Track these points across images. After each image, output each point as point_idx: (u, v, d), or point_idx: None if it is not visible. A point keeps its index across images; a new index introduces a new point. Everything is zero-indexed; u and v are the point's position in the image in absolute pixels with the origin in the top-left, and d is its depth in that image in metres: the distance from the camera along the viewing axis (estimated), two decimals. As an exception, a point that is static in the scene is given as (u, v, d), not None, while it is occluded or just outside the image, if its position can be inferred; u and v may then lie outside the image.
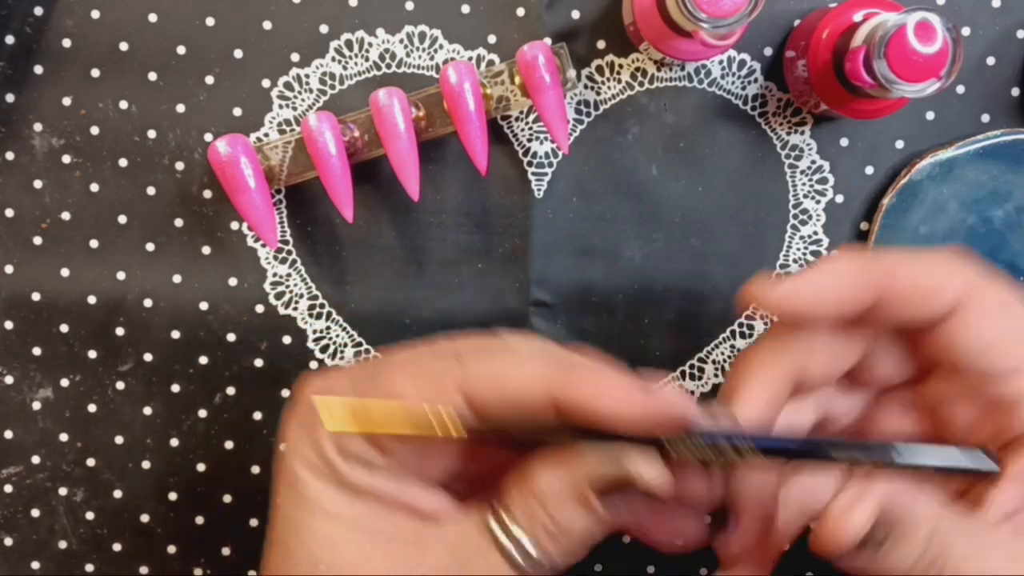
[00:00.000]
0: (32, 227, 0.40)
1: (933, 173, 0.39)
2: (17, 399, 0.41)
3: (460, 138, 0.37)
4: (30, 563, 0.42)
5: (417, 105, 0.38)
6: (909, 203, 0.39)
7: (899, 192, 0.39)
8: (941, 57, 0.32)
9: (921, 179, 0.39)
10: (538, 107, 0.37)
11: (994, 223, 0.39)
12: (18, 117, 0.40)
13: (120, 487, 0.42)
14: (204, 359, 0.41)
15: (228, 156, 0.36)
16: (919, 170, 0.39)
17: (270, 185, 0.38)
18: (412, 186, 0.37)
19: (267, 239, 0.37)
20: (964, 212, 0.39)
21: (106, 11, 0.39)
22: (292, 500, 0.27)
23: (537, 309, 0.41)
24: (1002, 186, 0.39)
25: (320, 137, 0.36)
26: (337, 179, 0.37)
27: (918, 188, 0.39)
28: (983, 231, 0.39)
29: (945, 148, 0.39)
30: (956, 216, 0.39)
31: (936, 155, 0.39)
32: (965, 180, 0.39)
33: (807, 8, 0.39)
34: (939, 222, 0.39)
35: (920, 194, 0.39)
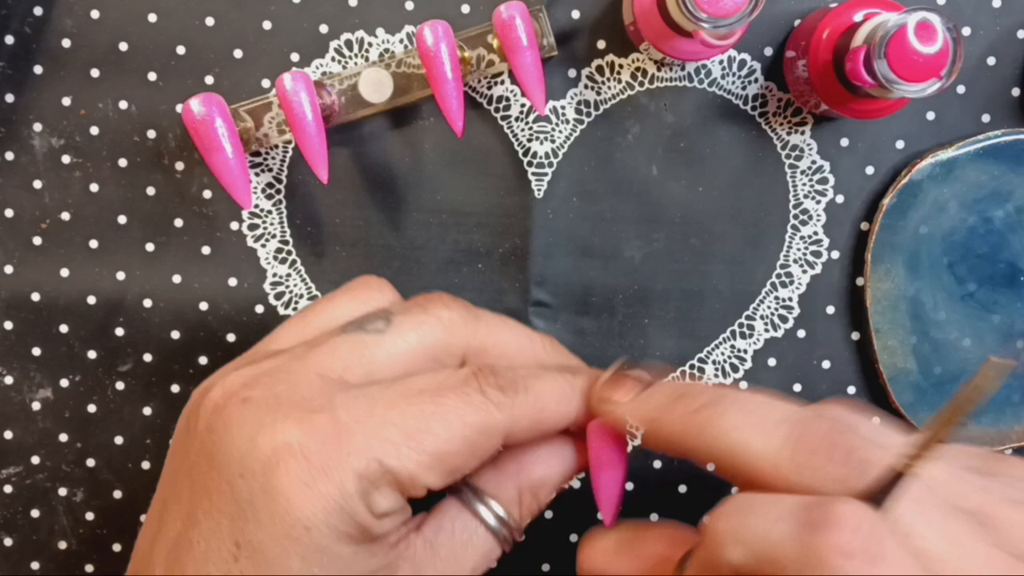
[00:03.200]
0: (32, 227, 0.40)
1: (934, 173, 0.39)
2: (17, 399, 0.41)
3: (436, 100, 0.37)
4: (30, 563, 0.42)
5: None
6: (909, 203, 0.39)
7: (899, 192, 0.39)
8: (942, 57, 0.32)
9: (922, 179, 0.39)
10: (514, 68, 0.37)
11: (995, 223, 0.39)
12: (18, 117, 0.40)
13: (120, 487, 0.42)
14: (204, 359, 0.41)
15: (202, 116, 0.35)
16: (919, 170, 0.39)
17: (245, 148, 0.38)
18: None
19: (241, 200, 0.37)
20: (964, 212, 0.39)
21: (106, 11, 0.39)
22: (293, 549, 0.24)
23: (537, 309, 0.41)
24: (1003, 186, 0.39)
25: (295, 98, 0.36)
26: (312, 139, 0.36)
27: (918, 188, 0.39)
28: (983, 231, 0.39)
29: (945, 148, 0.39)
30: (956, 216, 0.39)
31: (936, 155, 0.39)
32: (966, 180, 0.39)
33: (807, 8, 0.39)
34: (939, 222, 0.39)
35: (920, 194, 0.39)
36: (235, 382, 0.27)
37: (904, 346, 0.39)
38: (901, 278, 0.39)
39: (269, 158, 0.40)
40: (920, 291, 0.39)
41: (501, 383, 0.27)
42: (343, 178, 0.40)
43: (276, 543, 0.24)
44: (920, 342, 0.39)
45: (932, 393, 0.39)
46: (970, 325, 0.39)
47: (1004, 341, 0.39)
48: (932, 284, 0.39)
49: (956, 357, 0.39)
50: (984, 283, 0.39)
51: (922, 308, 0.39)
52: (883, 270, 0.39)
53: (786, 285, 0.41)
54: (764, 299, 0.41)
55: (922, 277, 0.39)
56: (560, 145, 0.40)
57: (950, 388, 0.39)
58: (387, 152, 0.40)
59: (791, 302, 0.41)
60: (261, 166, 0.40)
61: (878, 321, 0.39)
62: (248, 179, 0.37)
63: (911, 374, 0.39)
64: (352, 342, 0.27)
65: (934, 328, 0.39)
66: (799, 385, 0.41)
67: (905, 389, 0.39)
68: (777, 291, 0.41)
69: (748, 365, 0.41)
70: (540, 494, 0.30)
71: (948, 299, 0.39)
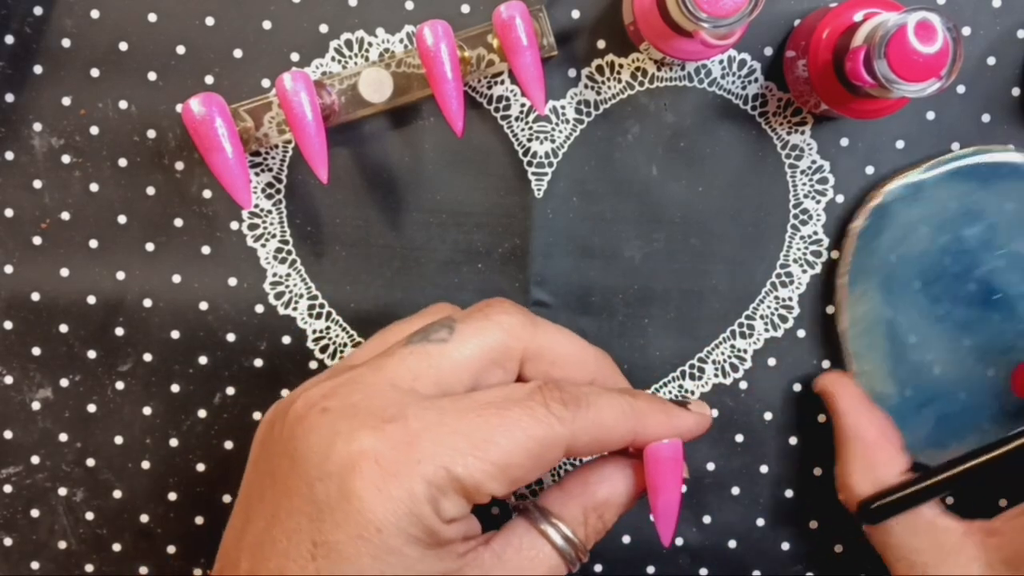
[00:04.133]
0: (32, 227, 0.40)
1: (903, 195, 0.38)
2: (17, 399, 0.41)
3: (436, 100, 0.37)
4: (30, 563, 0.42)
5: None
6: (880, 225, 0.39)
7: (870, 215, 0.39)
8: (942, 57, 0.32)
9: (891, 201, 0.38)
10: (514, 68, 0.37)
11: (966, 242, 0.38)
12: (18, 117, 0.40)
13: (120, 487, 0.42)
14: (204, 359, 0.41)
15: (202, 116, 0.35)
16: (889, 192, 0.38)
17: (245, 148, 0.38)
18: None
19: (241, 200, 0.37)
20: (936, 232, 0.38)
21: (106, 11, 0.39)
22: (365, 549, 0.26)
23: (537, 309, 0.41)
24: (973, 205, 0.38)
25: (295, 97, 0.36)
26: (312, 139, 0.36)
27: (888, 210, 0.39)
28: (956, 250, 0.38)
29: (914, 168, 0.39)
30: (928, 236, 0.38)
31: (905, 176, 0.38)
32: (935, 200, 0.38)
33: (807, 8, 0.39)
34: (911, 243, 0.38)
35: (890, 216, 0.39)
36: (316, 394, 0.29)
37: (881, 370, 0.39)
38: (876, 301, 0.39)
39: (269, 158, 0.40)
40: (896, 313, 0.39)
41: (564, 398, 0.29)
42: (343, 178, 0.40)
43: (350, 543, 0.26)
44: (896, 365, 0.39)
45: (914, 418, 0.39)
46: (946, 346, 0.39)
47: (980, 361, 0.39)
48: (907, 306, 0.39)
49: (933, 380, 0.39)
50: (959, 304, 0.38)
51: (898, 331, 0.39)
52: (858, 293, 0.39)
53: (786, 285, 0.41)
54: (764, 299, 0.41)
55: (897, 299, 0.39)
56: (560, 145, 0.40)
57: (929, 412, 0.39)
58: (387, 152, 0.40)
59: (791, 302, 0.41)
60: (261, 166, 0.40)
61: (856, 345, 0.39)
62: (248, 179, 0.37)
63: (890, 398, 0.39)
64: (419, 353, 0.29)
65: (911, 351, 0.39)
66: (799, 385, 0.41)
67: (899, 407, 0.39)
68: (777, 291, 0.41)
69: (748, 365, 0.41)
70: (605, 515, 0.31)
71: (924, 321, 0.39)
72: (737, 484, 0.42)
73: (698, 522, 0.42)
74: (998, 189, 0.38)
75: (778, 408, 0.41)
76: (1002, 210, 0.38)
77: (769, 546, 0.42)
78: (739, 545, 0.42)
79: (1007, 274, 0.38)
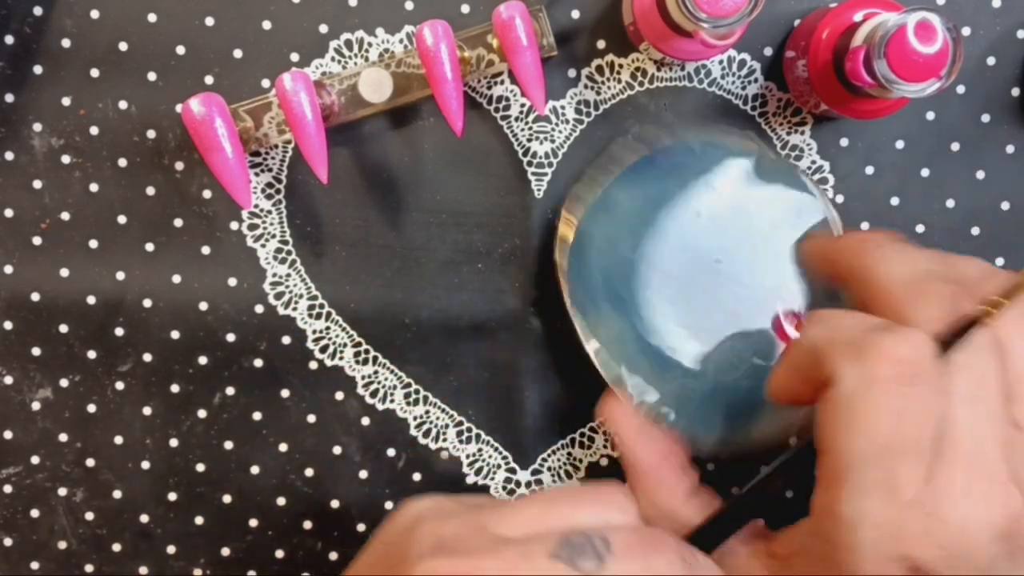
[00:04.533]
0: (32, 227, 0.40)
1: (595, 217, 0.38)
2: (17, 399, 0.41)
3: (436, 100, 0.37)
4: (30, 563, 0.42)
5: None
6: (585, 249, 0.38)
7: (573, 248, 0.38)
8: (941, 57, 0.32)
9: (588, 227, 0.38)
10: (514, 68, 0.37)
11: (667, 226, 0.38)
12: (18, 117, 0.40)
13: (120, 487, 0.42)
14: (204, 359, 0.41)
15: (202, 116, 0.35)
16: (584, 219, 0.38)
17: (245, 148, 0.38)
18: None
19: (241, 200, 0.37)
20: (635, 231, 0.38)
21: (106, 11, 0.39)
22: None
23: (537, 309, 0.41)
24: (657, 194, 0.38)
25: (295, 98, 0.36)
26: (312, 140, 0.36)
27: (588, 235, 0.38)
28: (664, 242, 0.38)
29: (591, 190, 0.38)
30: (630, 238, 0.38)
31: (587, 201, 0.38)
32: (623, 208, 0.38)
33: (807, 8, 0.39)
34: (619, 252, 0.38)
35: (591, 239, 0.38)
36: (438, 543, 0.28)
37: (649, 379, 0.38)
38: (612, 319, 0.38)
39: (269, 158, 0.40)
40: (636, 322, 0.38)
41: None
42: (343, 178, 0.40)
43: None
44: (661, 370, 0.38)
45: (699, 411, 0.38)
46: (699, 331, 0.38)
47: (738, 330, 0.38)
48: (640, 312, 0.38)
49: (700, 368, 0.38)
50: (687, 286, 0.38)
51: (645, 339, 0.38)
52: (593, 318, 0.38)
53: (786, 285, 0.41)
54: (764, 299, 0.41)
55: (628, 309, 0.38)
56: (560, 145, 0.40)
57: (712, 400, 0.38)
58: (387, 152, 0.40)
59: (791, 302, 0.41)
60: (261, 166, 0.40)
61: (615, 368, 0.38)
62: (248, 179, 0.37)
63: (670, 398, 0.38)
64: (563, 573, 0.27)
65: (667, 351, 0.38)
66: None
67: (682, 409, 0.38)
68: (777, 291, 0.41)
69: (748, 365, 0.41)
70: None
71: (659, 318, 0.38)
72: (737, 484, 0.42)
73: (698, 522, 0.42)
74: (677, 175, 0.38)
75: (778, 408, 0.41)
76: (688, 192, 0.38)
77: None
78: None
79: (720, 244, 0.38)
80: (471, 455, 0.42)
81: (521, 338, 0.41)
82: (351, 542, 0.42)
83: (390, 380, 0.41)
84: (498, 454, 0.42)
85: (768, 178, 0.38)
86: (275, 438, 0.42)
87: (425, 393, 0.41)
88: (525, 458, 0.42)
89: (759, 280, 0.38)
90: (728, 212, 0.38)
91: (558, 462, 0.42)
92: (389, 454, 0.42)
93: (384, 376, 0.41)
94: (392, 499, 0.42)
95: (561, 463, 0.42)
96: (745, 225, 0.38)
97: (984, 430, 0.26)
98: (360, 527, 0.42)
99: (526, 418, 0.41)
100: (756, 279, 0.38)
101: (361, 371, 0.41)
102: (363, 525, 0.42)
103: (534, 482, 0.42)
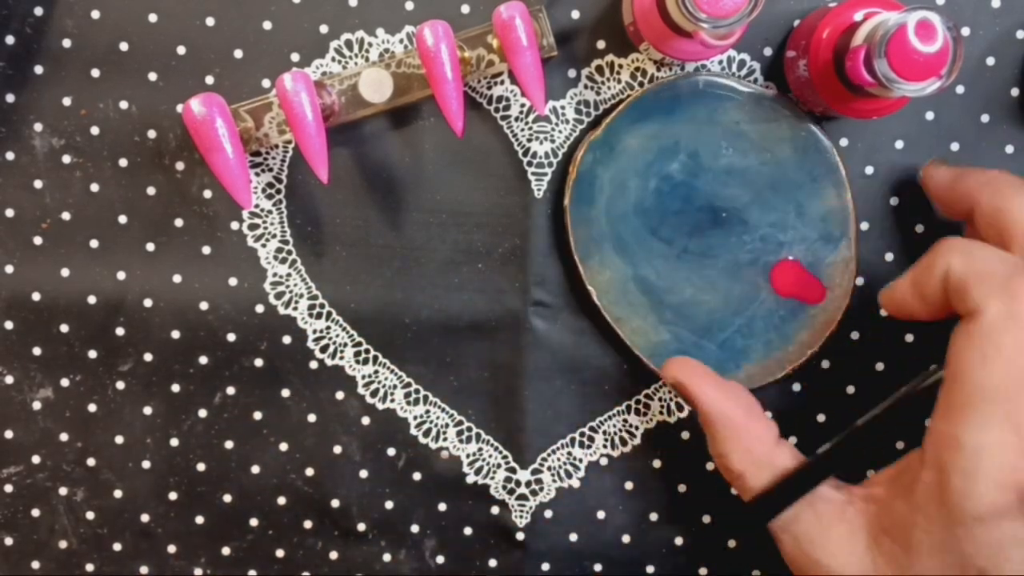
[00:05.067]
0: (32, 227, 0.40)
1: (597, 158, 0.39)
2: (17, 399, 0.41)
3: (436, 100, 0.37)
4: (30, 563, 0.42)
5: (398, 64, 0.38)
6: (588, 194, 0.39)
7: (574, 186, 0.39)
8: (942, 56, 0.32)
9: (588, 167, 0.39)
10: (514, 68, 0.37)
11: (675, 177, 0.39)
12: (18, 117, 0.40)
13: (120, 487, 0.42)
14: (204, 359, 0.41)
15: (202, 116, 0.35)
16: (583, 160, 0.39)
17: (245, 148, 0.38)
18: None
19: (241, 200, 0.37)
20: (643, 180, 0.39)
21: (106, 11, 0.39)
22: None
23: (537, 309, 0.41)
24: (665, 141, 0.39)
25: (295, 98, 0.36)
26: (312, 139, 0.36)
27: (592, 176, 0.39)
28: (668, 189, 0.39)
29: (595, 130, 0.39)
30: (638, 186, 0.39)
31: (591, 139, 0.39)
32: (629, 151, 0.39)
33: (807, 8, 0.39)
34: (625, 198, 0.39)
35: (596, 181, 0.39)
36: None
37: (648, 323, 0.40)
38: (616, 264, 0.40)
39: (269, 158, 0.40)
40: (639, 267, 0.40)
41: None
42: (343, 178, 0.40)
43: None
44: (662, 312, 0.40)
45: (695, 353, 0.40)
46: (699, 277, 0.40)
47: (735, 280, 0.39)
48: (646, 257, 0.40)
49: (701, 311, 0.40)
50: (693, 235, 0.39)
51: (648, 282, 0.40)
52: (596, 263, 0.40)
53: (786, 285, 0.41)
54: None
55: (634, 254, 0.40)
56: (560, 145, 0.40)
57: (709, 343, 0.40)
58: (387, 152, 0.40)
59: (791, 302, 0.41)
60: (261, 166, 0.40)
61: (615, 311, 0.40)
62: (248, 179, 0.37)
63: (668, 344, 0.40)
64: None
65: (668, 295, 0.40)
66: (798, 385, 0.41)
67: (678, 350, 0.40)
68: (777, 291, 0.41)
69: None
70: None
71: (667, 264, 0.40)
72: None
73: (698, 522, 0.42)
74: (683, 116, 0.39)
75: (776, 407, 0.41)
76: (694, 134, 0.39)
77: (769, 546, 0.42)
78: (739, 545, 0.42)
79: (725, 190, 0.39)
80: (471, 455, 0.42)
81: (521, 338, 0.41)
82: (351, 542, 0.42)
83: (390, 380, 0.41)
84: (498, 454, 0.42)
85: (772, 117, 0.39)
86: (275, 438, 0.42)
87: (425, 393, 0.41)
88: (525, 458, 0.42)
89: (762, 223, 0.39)
90: (732, 152, 0.39)
91: (558, 462, 0.42)
92: (389, 454, 0.42)
93: (384, 376, 0.41)
94: (392, 499, 0.42)
95: (561, 463, 0.42)
96: (749, 166, 0.39)
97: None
98: (360, 527, 0.42)
99: (526, 418, 0.41)
100: (758, 223, 0.39)
101: (361, 371, 0.41)
102: (363, 525, 0.42)
103: (534, 482, 0.42)
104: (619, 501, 0.42)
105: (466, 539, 0.42)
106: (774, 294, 0.40)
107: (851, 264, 0.39)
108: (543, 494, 0.42)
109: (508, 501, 0.42)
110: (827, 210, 0.39)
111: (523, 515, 0.42)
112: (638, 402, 0.41)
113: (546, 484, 0.42)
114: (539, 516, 0.42)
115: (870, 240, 0.40)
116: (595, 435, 0.42)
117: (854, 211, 0.39)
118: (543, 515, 0.42)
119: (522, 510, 0.42)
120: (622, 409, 0.41)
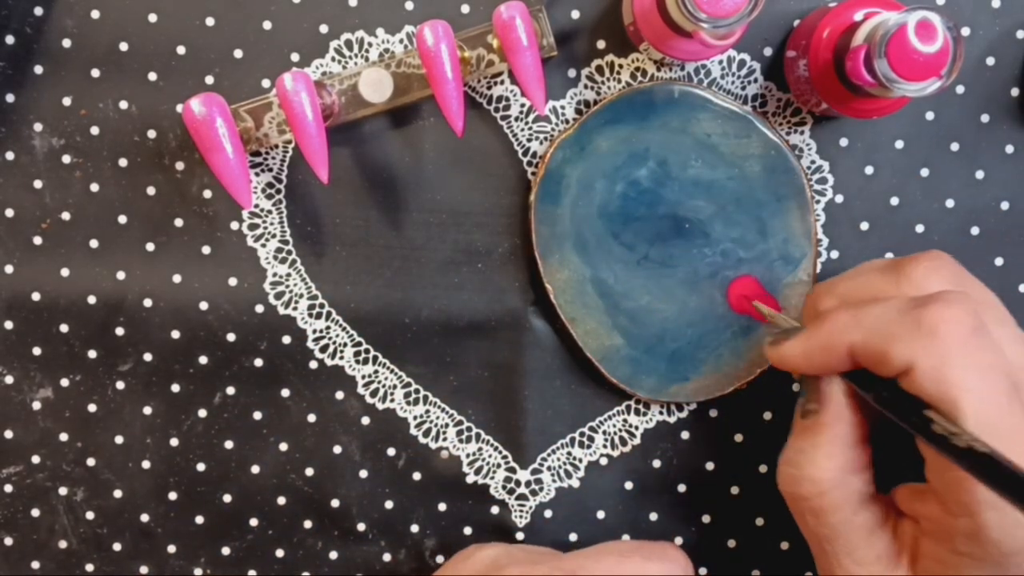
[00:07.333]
0: (32, 227, 0.40)
1: (567, 156, 0.39)
2: (17, 399, 0.41)
3: (436, 100, 0.37)
4: (30, 563, 0.42)
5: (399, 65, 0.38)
6: (555, 192, 0.39)
7: (541, 183, 0.39)
8: (942, 56, 0.32)
9: (558, 165, 0.39)
10: (514, 68, 0.37)
11: (642, 183, 0.39)
12: (18, 117, 0.40)
13: (120, 487, 0.42)
14: (204, 359, 0.41)
15: (202, 116, 0.35)
16: (552, 158, 0.39)
17: (245, 147, 0.38)
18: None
19: (241, 200, 0.37)
20: (610, 183, 0.39)
21: (106, 11, 0.39)
22: None
23: (537, 309, 0.41)
24: (636, 146, 0.39)
25: (295, 97, 0.36)
26: (312, 139, 0.36)
27: (559, 174, 0.39)
28: (634, 194, 0.39)
29: (569, 129, 0.39)
30: (605, 189, 0.39)
31: (563, 137, 0.39)
32: (599, 152, 0.39)
33: (807, 8, 0.39)
34: (591, 199, 0.39)
35: (563, 179, 0.39)
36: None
37: (602, 325, 0.40)
38: (575, 264, 0.40)
39: (269, 158, 0.40)
40: (597, 269, 0.40)
41: None
42: (343, 178, 0.40)
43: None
44: (616, 316, 0.40)
45: (646, 361, 0.40)
46: (656, 285, 0.40)
47: (692, 291, 0.40)
48: (606, 260, 0.40)
49: (655, 319, 0.40)
50: (655, 243, 0.39)
51: (606, 285, 0.40)
52: (556, 261, 0.40)
53: (786, 285, 0.41)
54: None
55: (594, 256, 0.40)
56: (560, 145, 0.40)
57: (660, 351, 0.40)
58: (387, 152, 0.40)
59: (791, 302, 0.41)
60: (261, 166, 0.40)
61: (570, 311, 0.40)
62: (248, 179, 0.37)
63: (620, 349, 0.40)
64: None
65: (624, 300, 0.40)
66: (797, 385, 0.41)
67: (619, 365, 0.40)
68: (777, 291, 0.41)
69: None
70: None
71: (626, 269, 0.40)
72: (737, 484, 0.42)
73: (698, 522, 0.42)
74: (656, 123, 0.39)
75: (776, 409, 0.41)
76: (665, 142, 0.39)
77: (769, 545, 0.42)
78: (739, 545, 0.42)
79: (690, 201, 0.39)
80: (471, 454, 0.42)
81: (521, 338, 0.41)
82: (351, 542, 0.42)
83: (390, 380, 0.41)
84: (498, 453, 0.42)
85: (744, 133, 0.39)
86: (275, 437, 0.42)
87: (425, 393, 0.41)
88: (525, 457, 0.42)
89: (724, 238, 0.40)
90: (701, 164, 0.39)
91: (558, 462, 0.42)
92: (389, 453, 0.42)
93: (384, 376, 0.41)
94: (392, 498, 0.42)
95: (561, 463, 0.42)
96: (717, 179, 0.39)
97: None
98: (360, 526, 0.42)
99: (526, 418, 0.41)
100: (720, 237, 0.40)
101: (361, 371, 0.41)
102: (363, 524, 0.42)
103: (533, 481, 0.42)
104: (619, 501, 0.42)
105: (466, 539, 0.42)
106: (729, 309, 0.40)
107: (809, 286, 0.39)
108: (543, 494, 0.42)
109: (508, 501, 0.42)
110: (790, 231, 0.39)
111: (523, 515, 0.42)
112: (638, 402, 0.41)
113: (546, 484, 0.42)
114: (539, 516, 0.42)
115: (870, 240, 0.40)
116: (595, 435, 0.42)
117: (815, 234, 0.39)
118: (543, 515, 0.42)
119: (522, 510, 0.42)
120: (622, 409, 0.41)
